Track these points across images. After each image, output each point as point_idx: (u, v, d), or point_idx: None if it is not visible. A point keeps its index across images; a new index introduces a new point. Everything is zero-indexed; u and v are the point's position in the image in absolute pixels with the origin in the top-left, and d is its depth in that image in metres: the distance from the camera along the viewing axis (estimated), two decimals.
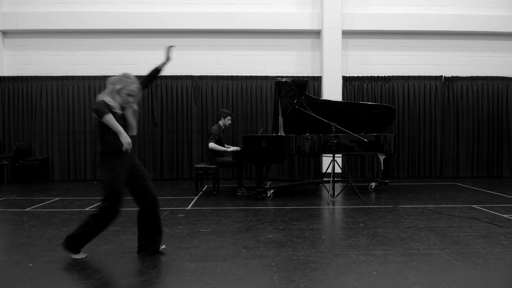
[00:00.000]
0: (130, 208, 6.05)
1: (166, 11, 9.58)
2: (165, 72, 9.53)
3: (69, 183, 9.21)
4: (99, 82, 9.61)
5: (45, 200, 6.80)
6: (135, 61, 9.70)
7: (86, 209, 6.08)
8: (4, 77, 9.56)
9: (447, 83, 9.89)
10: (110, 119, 3.39)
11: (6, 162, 8.96)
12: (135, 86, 3.57)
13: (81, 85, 9.63)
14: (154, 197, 3.81)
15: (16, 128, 9.63)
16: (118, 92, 3.53)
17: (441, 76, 9.90)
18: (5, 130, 9.59)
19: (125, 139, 3.45)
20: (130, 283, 3.11)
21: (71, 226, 4.96)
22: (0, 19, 9.52)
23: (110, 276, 3.27)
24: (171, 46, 4.00)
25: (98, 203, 3.70)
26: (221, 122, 7.52)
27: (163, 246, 3.95)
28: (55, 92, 9.60)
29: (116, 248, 4.04)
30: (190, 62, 9.80)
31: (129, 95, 3.55)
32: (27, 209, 6.07)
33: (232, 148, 7.25)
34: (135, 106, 3.67)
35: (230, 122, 7.60)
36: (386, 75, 9.85)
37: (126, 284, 3.10)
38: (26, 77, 9.57)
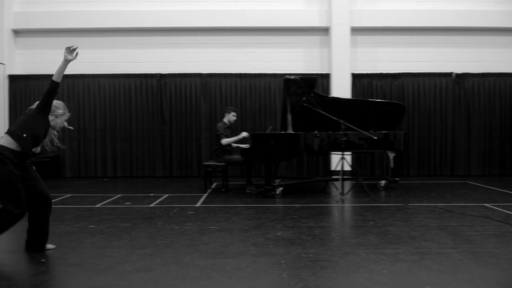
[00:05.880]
0: (139, 205, 6.11)
1: (174, 9, 9.60)
2: (174, 70, 9.75)
3: (80, 180, 9.29)
4: (109, 80, 9.68)
5: (56, 197, 6.86)
6: (144, 59, 9.76)
7: (97, 205, 6.13)
8: (16, 75, 9.66)
9: (458, 80, 9.79)
10: None
11: None
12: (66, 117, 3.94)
13: (91, 84, 9.71)
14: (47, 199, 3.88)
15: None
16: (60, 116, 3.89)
17: (452, 73, 9.80)
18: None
19: None
20: (140, 279, 3.13)
21: (82, 222, 5.02)
22: (12, 18, 9.63)
23: (121, 272, 3.29)
24: (70, 47, 3.77)
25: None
26: (225, 119, 7.54)
27: (53, 246, 3.94)
28: (66, 91, 9.67)
29: (126, 244, 4.07)
30: (199, 60, 9.82)
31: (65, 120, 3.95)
32: None
33: (242, 145, 7.25)
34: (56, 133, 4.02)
35: (235, 118, 7.61)
36: (396, 72, 9.77)
37: (137, 280, 3.12)
38: (38, 75, 9.66)
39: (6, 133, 3.66)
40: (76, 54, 3.75)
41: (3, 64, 9.25)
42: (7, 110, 9.66)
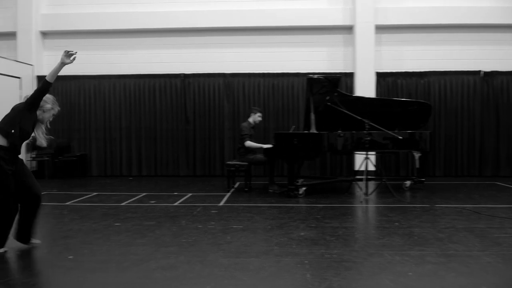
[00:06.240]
0: (163, 204, 6.18)
1: (198, 10, 9.67)
2: (198, 70, 9.83)
3: (105, 178, 9.48)
4: (134, 80, 9.84)
5: (83, 195, 7.02)
6: (168, 60, 9.89)
7: (122, 204, 6.24)
8: (44, 76, 9.81)
9: (486, 78, 9.52)
10: None
11: (47, 158, 9.33)
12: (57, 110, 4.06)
13: (117, 84, 9.89)
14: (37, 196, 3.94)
15: (56, 126, 9.96)
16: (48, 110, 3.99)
17: (480, 71, 9.54)
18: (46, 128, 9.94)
19: None
20: (165, 277, 3.17)
21: (108, 220, 5.11)
22: (40, 20, 9.89)
23: (146, 269, 3.34)
24: (68, 51, 3.87)
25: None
26: (251, 119, 7.56)
27: (37, 241, 4.03)
28: (92, 91, 9.90)
29: (151, 242, 4.13)
30: (222, 60, 9.87)
31: (53, 114, 4.06)
32: (67, 203, 6.30)
33: (266, 146, 7.25)
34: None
35: (260, 119, 7.62)
36: (421, 70, 9.58)
37: (161, 278, 3.16)
38: (65, 76, 9.84)
39: None
40: (74, 58, 3.88)
41: (31, 65, 9.51)
42: None
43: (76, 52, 3.86)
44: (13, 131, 3.70)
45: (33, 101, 3.78)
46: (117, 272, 3.30)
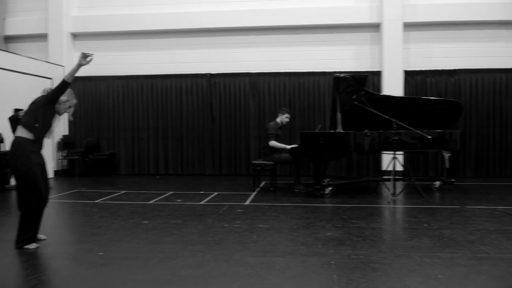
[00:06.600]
0: (190, 203, 6.25)
1: (224, 10, 9.73)
2: (223, 69, 9.90)
3: (133, 177, 9.65)
4: (161, 81, 9.98)
5: (112, 193, 7.18)
6: (194, 60, 9.99)
7: (150, 202, 6.34)
8: (75, 77, 10.10)
9: None
10: None
11: (77, 157, 9.58)
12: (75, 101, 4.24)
13: (144, 84, 10.06)
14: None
15: (86, 125, 10.25)
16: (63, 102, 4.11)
17: None
18: (76, 127, 10.23)
19: None
20: (192, 275, 3.21)
21: (136, 218, 5.21)
22: (70, 22, 10.16)
23: (173, 267, 3.38)
24: (85, 53, 3.98)
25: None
26: (278, 119, 7.55)
27: (43, 237, 4.18)
28: (121, 91, 10.11)
29: (178, 240, 4.18)
30: (248, 59, 9.90)
31: (69, 106, 4.19)
32: (96, 201, 6.45)
33: (291, 146, 7.22)
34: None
35: (287, 120, 7.61)
36: (451, 68, 9.36)
37: (188, 276, 3.20)
38: (95, 77, 10.13)
39: (19, 125, 3.95)
40: (90, 59, 4.02)
41: (62, 66, 9.77)
42: None
43: (92, 54, 4.03)
44: (36, 125, 3.91)
45: (52, 98, 3.97)
46: (145, 269, 3.36)
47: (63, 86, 3.94)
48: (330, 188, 6.82)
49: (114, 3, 10.14)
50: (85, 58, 3.97)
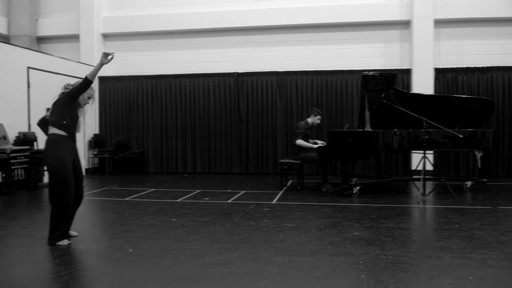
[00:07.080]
0: (217, 201, 6.31)
1: (251, 9, 9.78)
2: (250, 68, 9.93)
3: (162, 175, 9.81)
4: (189, 80, 10.10)
5: (141, 191, 7.32)
6: (222, 59, 10.07)
7: (178, 200, 6.43)
8: (105, 77, 10.41)
9: None
10: None
11: (107, 155, 9.82)
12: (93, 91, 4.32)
13: (173, 84, 10.20)
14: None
15: (116, 124, 10.49)
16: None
17: None
18: (107, 126, 10.48)
19: None
20: (219, 273, 3.24)
21: (164, 216, 5.29)
22: (101, 23, 10.41)
23: (200, 264, 3.43)
24: (106, 52, 4.07)
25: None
26: (309, 120, 7.52)
27: (75, 233, 4.30)
28: (150, 91, 10.28)
29: (205, 238, 4.23)
30: (275, 58, 9.91)
31: (88, 97, 4.29)
32: (126, 199, 6.59)
33: (318, 145, 7.18)
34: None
35: (319, 122, 7.57)
36: (484, 66, 9.08)
37: (215, 273, 3.23)
38: (124, 76, 10.35)
39: (49, 125, 4.12)
40: (111, 58, 4.09)
41: (94, 66, 10.01)
42: (97, 109, 10.46)
43: (113, 53, 4.11)
44: (65, 122, 4.07)
45: (74, 95, 4.09)
46: (173, 266, 3.41)
47: (85, 84, 4.04)
48: (358, 188, 6.76)
49: (143, 3, 10.34)
50: (106, 57, 4.06)
